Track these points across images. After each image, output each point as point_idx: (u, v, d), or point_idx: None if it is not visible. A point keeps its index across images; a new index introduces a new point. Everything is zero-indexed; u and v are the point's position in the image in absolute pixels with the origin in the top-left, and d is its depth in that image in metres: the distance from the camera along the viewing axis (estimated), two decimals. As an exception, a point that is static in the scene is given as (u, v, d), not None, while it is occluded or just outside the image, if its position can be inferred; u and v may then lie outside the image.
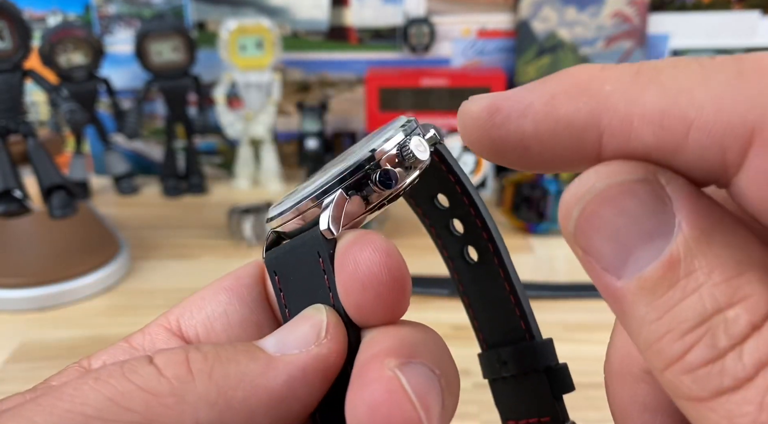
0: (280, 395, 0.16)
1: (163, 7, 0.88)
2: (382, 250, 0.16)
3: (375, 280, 0.16)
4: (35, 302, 0.60)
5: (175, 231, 0.76)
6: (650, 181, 0.13)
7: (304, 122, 0.86)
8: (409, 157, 0.18)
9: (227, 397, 0.16)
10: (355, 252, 0.17)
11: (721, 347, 0.12)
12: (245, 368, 0.16)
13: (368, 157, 0.18)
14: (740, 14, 0.86)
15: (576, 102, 0.14)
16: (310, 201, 0.18)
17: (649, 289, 0.13)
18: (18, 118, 0.61)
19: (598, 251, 0.14)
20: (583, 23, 0.85)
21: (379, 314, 0.17)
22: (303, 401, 0.16)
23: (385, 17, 0.88)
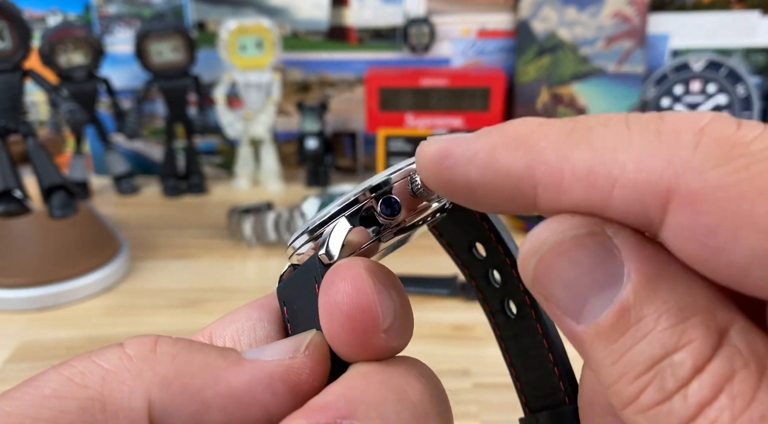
0: (240, 394, 0.16)
1: (163, 7, 0.88)
2: (353, 281, 0.16)
3: (339, 310, 0.16)
4: (35, 302, 0.60)
5: (175, 231, 0.76)
6: (598, 233, 0.14)
7: (304, 122, 0.86)
8: (418, 188, 0.17)
9: (184, 382, 0.16)
10: (330, 279, 0.17)
11: (669, 390, 0.13)
12: (212, 360, 0.17)
13: (373, 185, 0.17)
14: (740, 14, 0.86)
15: (514, 155, 0.15)
16: (315, 228, 0.18)
17: (604, 335, 0.14)
18: (18, 118, 0.61)
19: (557, 298, 0.15)
20: (583, 23, 0.85)
21: (348, 348, 0.17)
22: (266, 409, 0.16)
23: (385, 17, 0.88)
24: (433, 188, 0.16)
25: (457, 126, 0.84)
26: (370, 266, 0.17)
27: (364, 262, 0.17)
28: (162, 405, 0.16)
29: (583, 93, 0.87)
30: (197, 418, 0.16)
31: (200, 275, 0.66)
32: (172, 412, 0.16)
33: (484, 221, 0.19)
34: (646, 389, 0.13)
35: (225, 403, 0.16)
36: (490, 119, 0.84)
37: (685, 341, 0.13)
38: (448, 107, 0.84)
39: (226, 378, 0.16)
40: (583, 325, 0.14)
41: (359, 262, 0.17)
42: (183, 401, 0.16)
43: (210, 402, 0.16)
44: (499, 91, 0.83)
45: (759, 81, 0.88)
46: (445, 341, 0.53)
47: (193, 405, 0.16)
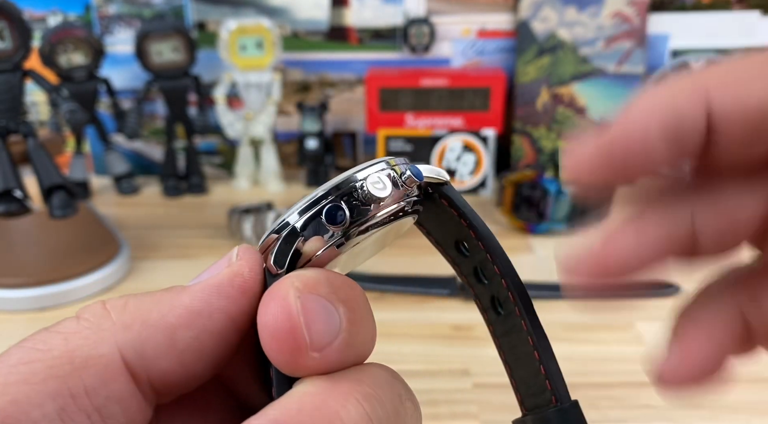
0: (198, 308, 0.17)
1: (163, 7, 0.88)
2: (278, 302, 0.16)
3: (266, 331, 0.17)
4: (35, 302, 0.60)
5: (175, 231, 0.76)
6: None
7: (304, 122, 0.86)
8: (365, 194, 0.18)
9: (142, 319, 0.17)
10: (264, 299, 0.17)
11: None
12: (160, 296, 0.18)
13: (322, 194, 0.18)
14: (740, 14, 0.86)
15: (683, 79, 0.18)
16: (269, 236, 0.18)
17: None
18: (18, 118, 0.61)
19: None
20: (583, 23, 0.85)
21: (283, 367, 0.17)
22: (225, 312, 0.18)
23: (385, 17, 0.88)
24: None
25: (457, 126, 0.84)
26: (309, 282, 0.17)
27: (299, 279, 0.17)
28: (132, 343, 0.17)
29: (583, 93, 0.87)
30: (168, 342, 0.17)
31: (200, 275, 0.66)
32: (144, 346, 0.17)
33: (462, 218, 0.19)
34: None
35: (188, 320, 0.17)
36: (490, 119, 0.84)
37: None
38: (448, 107, 0.84)
39: (180, 301, 0.18)
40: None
41: (292, 280, 0.17)
42: (149, 333, 0.17)
43: (174, 324, 0.17)
44: (499, 91, 0.83)
45: (759, 81, 0.88)
46: (445, 341, 0.53)
47: (160, 333, 0.17)
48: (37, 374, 0.16)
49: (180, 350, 0.17)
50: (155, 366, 0.17)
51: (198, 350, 0.17)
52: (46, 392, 0.16)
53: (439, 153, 0.83)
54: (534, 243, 0.71)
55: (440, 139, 0.82)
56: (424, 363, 0.50)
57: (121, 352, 0.17)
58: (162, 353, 0.17)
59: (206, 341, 0.17)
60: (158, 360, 0.17)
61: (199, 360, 0.18)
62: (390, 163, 0.19)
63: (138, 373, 0.17)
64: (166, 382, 0.17)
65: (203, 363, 0.18)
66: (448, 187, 0.19)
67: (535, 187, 0.73)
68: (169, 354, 0.17)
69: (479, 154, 0.83)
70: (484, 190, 0.84)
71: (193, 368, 0.18)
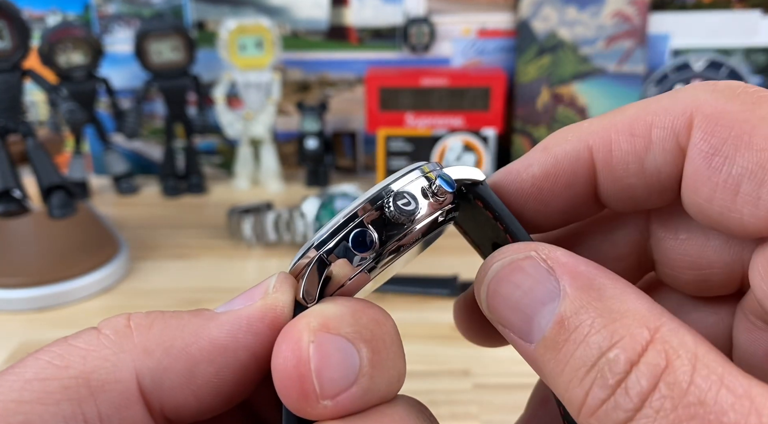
0: (223, 343, 0.17)
1: (162, 7, 0.88)
2: (290, 346, 0.16)
3: (276, 375, 0.16)
4: (35, 302, 0.59)
5: (175, 231, 0.76)
6: (532, 257, 0.16)
7: (303, 122, 0.86)
8: (393, 213, 0.17)
9: (165, 346, 0.16)
10: (278, 338, 0.16)
11: (610, 385, 0.14)
12: (187, 321, 0.17)
13: (349, 216, 0.17)
14: (741, 14, 0.86)
15: (565, 139, 0.18)
16: (299, 262, 0.17)
17: (551, 346, 0.15)
18: (17, 118, 0.61)
19: (509, 321, 0.16)
20: (583, 23, 0.85)
21: (295, 411, 0.16)
22: (250, 350, 0.17)
23: (385, 17, 0.88)
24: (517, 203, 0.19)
25: (457, 126, 0.84)
26: (330, 320, 0.16)
27: (318, 317, 0.16)
28: (150, 372, 0.16)
29: (584, 93, 0.86)
30: (188, 375, 0.16)
31: (200, 275, 0.66)
32: (162, 375, 0.16)
33: (498, 221, 0.18)
34: (591, 389, 0.14)
35: (211, 354, 0.16)
36: (490, 119, 0.84)
37: (617, 338, 0.14)
38: (448, 107, 0.84)
39: (206, 332, 0.17)
40: (534, 343, 0.15)
41: (309, 319, 0.16)
42: (170, 363, 0.16)
43: (196, 357, 0.16)
44: (499, 91, 0.83)
45: (760, 81, 0.88)
46: (445, 341, 0.53)
47: (181, 364, 0.16)
48: (52, 394, 0.15)
49: (198, 384, 0.16)
50: (170, 397, 0.16)
51: (216, 386, 0.17)
52: (60, 415, 0.15)
53: (439, 153, 0.83)
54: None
55: (440, 138, 0.82)
56: (424, 363, 0.50)
57: (138, 378, 0.16)
58: (179, 386, 0.16)
59: (226, 378, 0.17)
60: (174, 391, 0.16)
61: (216, 395, 0.17)
62: (424, 170, 0.18)
63: (152, 401, 0.16)
64: (179, 413, 0.17)
65: (220, 398, 0.17)
66: (482, 188, 0.18)
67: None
68: (186, 387, 0.16)
69: (479, 153, 0.82)
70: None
71: (209, 403, 0.17)
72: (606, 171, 0.18)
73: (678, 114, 0.16)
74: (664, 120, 0.17)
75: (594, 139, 0.18)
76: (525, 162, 0.19)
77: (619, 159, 0.17)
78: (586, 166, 0.18)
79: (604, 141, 0.17)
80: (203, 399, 0.17)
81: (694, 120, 0.16)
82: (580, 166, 0.18)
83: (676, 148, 0.16)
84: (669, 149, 0.17)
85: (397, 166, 0.83)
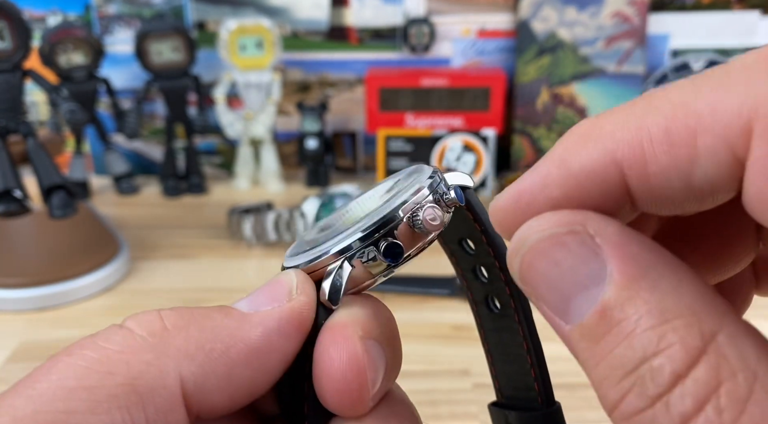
0: (259, 346, 0.17)
1: (163, 7, 0.88)
2: (346, 350, 0.17)
3: (329, 378, 0.17)
4: (35, 302, 0.59)
5: (175, 231, 0.76)
6: (579, 232, 0.14)
7: (304, 122, 0.86)
8: (419, 227, 0.18)
9: (206, 350, 0.16)
10: (324, 342, 0.17)
11: (650, 396, 0.12)
12: (221, 323, 0.17)
13: (378, 225, 0.18)
14: (740, 14, 0.86)
15: (586, 150, 0.14)
16: (320, 262, 0.18)
17: (588, 335, 0.13)
18: (18, 118, 0.61)
19: (544, 297, 0.14)
20: (583, 23, 0.85)
21: (337, 409, 0.17)
22: (281, 352, 0.17)
23: (385, 17, 0.88)
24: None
25: (457, 126, 0.84)
26: (368, 326, 0.17)
27: (360, 323, 0.17)
28: (193, 376, 0.16)
29: (583, 93, 0.87)
30: (227, 378, 0.17)
31: (200, 275, 0.66)
32: (204, 380, 0.16)
33: (477, 222, 0.19)
34: (628, 394, 0.13)
35: (248, 357, 0.17)
36: (490, 119, 0.84)
37: (665, 344, 0.12)
38: (448, 107, 0.84)
39: (241, 335, 0.17)
40: (570, 325, 0.14)
41: (355, 328, 0.17)
42: (211, 367, 0.16)
43: (235, 361, 0.17)
44: (499, 91, 0.83)
45: (759, 81, 0.88)
46: (445, 341, 0.53)
47: (221, 368, 0.16)
48: (101, 404, 0.15)
49: (235, 387, 0.17)
50: (209, 400, 0.17)
51: (250, 387, 0.17)
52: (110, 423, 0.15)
53: (439, 153, 0.83)
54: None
55: (440, 139, 0.82)
56: (424, 363, 0.50)
57: (182, 382, 0.16)
58: (219, 389, 0.17)
59: (259, 379, 0.17)
60: (213, 394, 0.17)
61: (248, 395, 0.17)
62: (432, 186, 0.19)
63: (191, 404, 0.16)
64: (213, 413, 0.17)
65: (249, 397, 0.17)
66: (469, 192, 0.20)
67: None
68: (225, 390, 0.17)
69: (479, 154, 0.82)
70: (484, 190, 0.84)
71: (239, 402, 0.17)
72: (642, 188, 0.14)
73: (730, 117, 0.12)
74: (713, 126, 0.13)
75: (622, 149, 0.14)
76: (539, 181, 0.15)
77: (657, 175, 0.14)
78: (616, 182, 0.14)
79: (635, 153, 0.14)
80: (236, 400, 0.17)
81: (755, 126, 0.12)
82: (608, 184, 0.14)
83: (732, 160, 0.13)
84: (722, 162, 0.13)
85: (397, 167, 0.83)
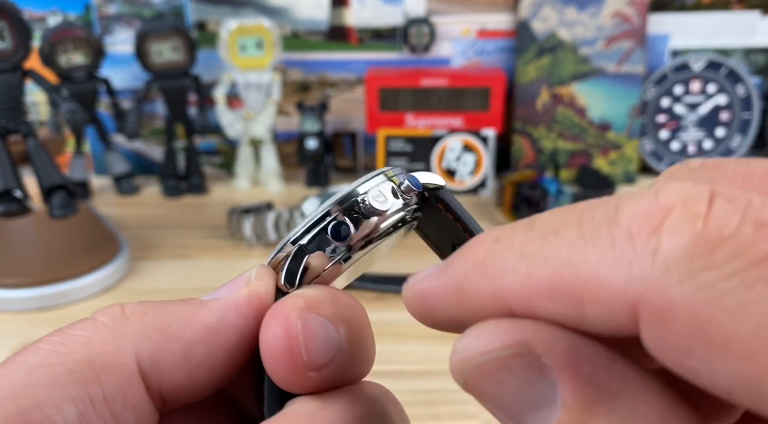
0: (214, 326, 0.18)
1: (163, 7, 0.88)
2: (280, 322, 0.17)
3: (267, 349, 0.17)
4: (35, 302, 0.60)
5: (175, 231, 0.76)
6: (523, 353, 0.13)
7: (304, 122, 0.86)
8: (366, 208, 0.18)
9: (162, 330, 0.18)
10: (266, 317, 0.17)
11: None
12: (179, 308, 0.18)
13: (326, 211, 0.18)
14: (740, 14, 0.86)
15: (478, 285, 0.14)
16: (278, 255, 0.19)
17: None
18: (18, 118, 0.61)
19: (494, 412, 0.14)
20: (583, 23, 0.85)
21: (282, 383, 0.17)
22: (239, 331, 0.18)
23: (385, 17, 0.88)
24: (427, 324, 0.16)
25: (457, 126, 0.84)
26: (313, 301, 0.17)
27: (303, 298, 0.17)
28: (149, 354, 0.17)
29: (583, 93, 0.87)
30: (183, 356, 0.17)
31: (200, 275, 0.66)
32: (161, 358, 0.17)
33: (458, 222, 0.20)
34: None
35: (204, 336, 0.18)
36: (490, 119, 0.84)
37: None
38: (448, 107, 0.84)
39: (198, 317, 0.18)
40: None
41: (295, 300, 0.17)
42: (167, 345, 0.17)
43: (191, 340, 0.18)
44: (499, 91, 0.83)
45: (759, 81, 0.88)
46: (445, 341, 0.53)
47: (178, 345, 0.17)
48: (58, 378, 0.16)
49: (193, 365, 0.18)
50: (167, 378, 0.17)
51: (210, 366, 0.18)
52: (69, 397, 0.16)
53: (439, 153, 0.83)
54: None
55: (440, 139, 0.82)
56: (424, 363, 0.50)
57: (138, 360, 0.17)
58: (176, 366, 0.17)
59: (218, 358, 0.18)
60: (171, 372, 0.17)
61: (209, 375, 0.18)
62: (388, 174, 0.19)
63: (151, 382, 0.17)
64: (175, 393, 0.18)
65: (213, 378, 0.18)
66: (443, 192, 0.20)
67: (535, 188, 0.73)
68: (182, 368, 0.17)
69: (479, 154, 0.83)
70: (484, 190, 0.84)
71: (202, 383, 0.18)
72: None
73: (615, 298, 0.12)
74: (598, 300, 0.12)
75: (512, 296, 0.13)
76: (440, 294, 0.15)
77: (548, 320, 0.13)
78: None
79: (523, 302, 0.13)
80: (197, 379, 0.18)
81: (640, 315, 0.11)
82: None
83: (620, 329, 0.12)
84: (613, 328, 0.12)
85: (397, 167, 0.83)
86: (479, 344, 0.13)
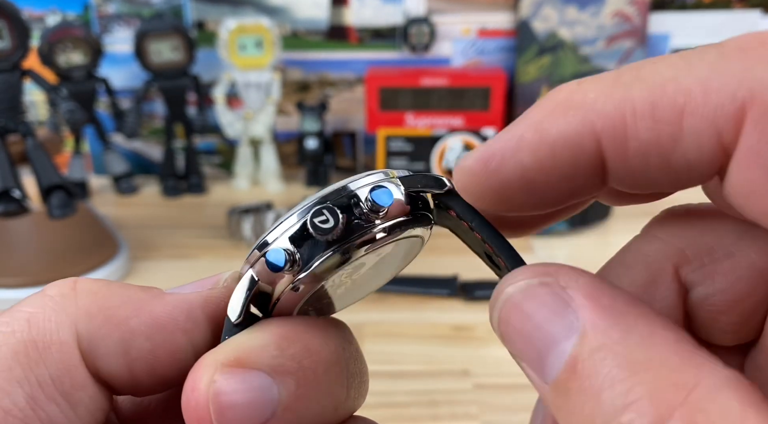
0: (163, 321, 0.17)
1: (162, 7, 0.88)
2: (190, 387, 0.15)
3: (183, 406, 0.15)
4: (34, 302, 0.59)
5: (175, 231, 0.76)
6: (550, 283, 0.13)
7: (303, 122, 0.86)
8: (318, 231, 0.15)
9: (108, 313, 0.16)
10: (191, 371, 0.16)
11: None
12: (133, 294, 0.17)
13: (262, 242, 0.16)
14: (741, 14, 0.86)
15: (565, 118, 0.14)
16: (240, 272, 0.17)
17: (561, 392, 0.13)
18: (17, 118, 0.61)
19: (522, 354, 0.14)
20: (583, 23, 0.85)
21: None
22: (188, 335, 0.17)
23: (385, 17, 0.88)
24: (488, 204, 0.15)
25: (457, 126, 0.84)
26: (242, 354, 0.15)
27: (228, 352, 0.15)
28: (89, 335, 0.16)
29: (584, 93, 0.86)
30: (123, 345, 0.16)
31: (200, 275, 0.65)
32: (99, 342, 0.16)
33: (476, 232, 0.17)
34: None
35: (149, 330, 0.16)
36: (491, 119, 0.84)
37: (633, 397, 0.11)
38: (448, 107, 0.84)
39: (148, 308, 0.17)
40: (547, 382, 0.13)
41: (216, 355, 0.15)
42: (108, 330, 0.16)
43: (135, 330, 0.16)
44: (499, 90, 0.83)
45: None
46: (445, 341, 0.53)
47: (118, 333, 0.16)
48: (3, 360, 0.15)
49: (132, 357, 0.16)
50: (104, 365, 0.16)
51: (150, 364, 0.16)
52: (14, 379, 0.15)
53: (439, 153, 0.83)
54: (534, 243, 0.71)
55: (440, 138, 0.82)
56: (424, 363, 0.50)
57: (78, 340, 0.16)
58: (113, 355, 0.16)
59: (161, 357, 0.16)
60: (108, 359, 0.16)
61: (149, 374, 0.17)
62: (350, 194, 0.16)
63: (89, 365, 0.16)
64: (113, 382, 0.17)
65: (154, 378, 0.17)
66: (449, 198, 0.17)
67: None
68: (120, 358, 0.16)
69: (479, 153, 0.82)
70: (484, 190, 0.84)
71: (142, 379, 0.17)
72: (618, 163, 0.14)
73: (723, 99, 0.12)
74: (703, 107, 0.12)
75: (603, 121, 0.13)
76: (512, 144, 0.14)
77: (636, 151, 0.13)
78: (592, 155, 0.14)
79: (616, 126, 0.13)
80: (137, 375, 0.17)
81: (748, 112, 0.11)
82: (583, 156, 0.14)
83: (716, 146, 0.12)
84: (706, 146, 0.12)
85: (397, 167, 0.83)
86: (513, 276, 0.14)
